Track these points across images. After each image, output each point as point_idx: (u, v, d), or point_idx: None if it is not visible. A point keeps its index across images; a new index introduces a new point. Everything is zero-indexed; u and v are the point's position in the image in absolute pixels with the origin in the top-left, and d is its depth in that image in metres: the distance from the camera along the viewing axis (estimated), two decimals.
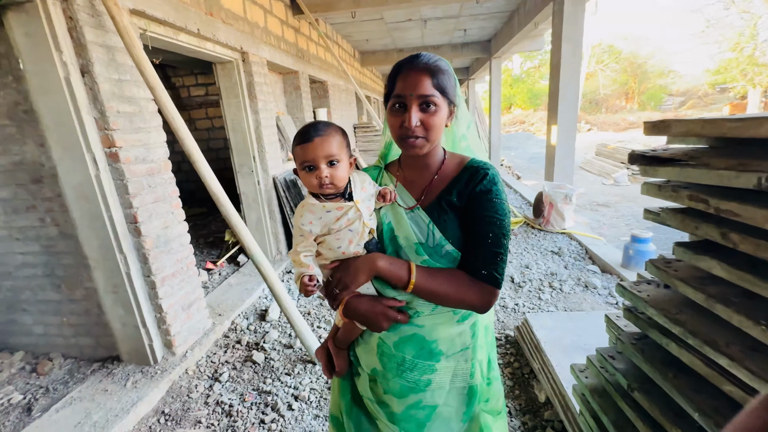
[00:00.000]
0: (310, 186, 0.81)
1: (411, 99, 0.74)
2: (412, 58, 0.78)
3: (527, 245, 3.90)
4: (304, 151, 0.78)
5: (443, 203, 0.80)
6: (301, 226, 0.82)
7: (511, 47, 7.11)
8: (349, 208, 0.81)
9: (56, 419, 1.82)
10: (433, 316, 0.82)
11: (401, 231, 0.81)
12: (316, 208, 0.81)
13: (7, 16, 1.66)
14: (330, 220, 0.81)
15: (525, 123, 25.71)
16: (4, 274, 2.22)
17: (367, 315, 0.80)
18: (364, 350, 0.90)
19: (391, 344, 0.84)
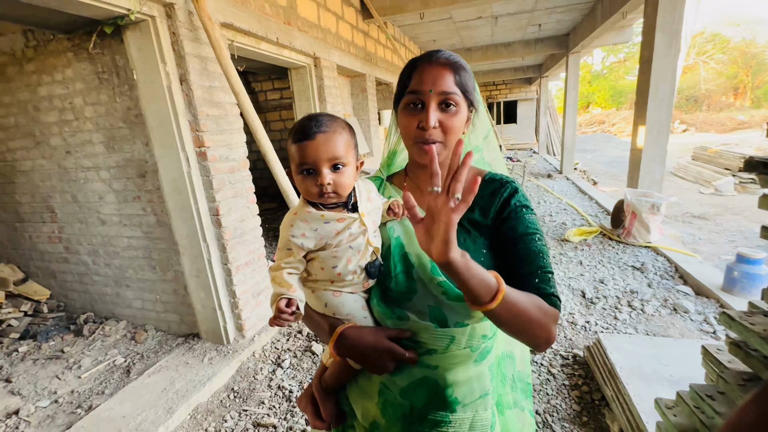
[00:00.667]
0: (307, 193, 0.67)
1: (430, 96, 0.64)
2: (430, 53, 0.67)
3: (602, 258, 3.54)
4: (303, 150, 0.64)
5: (464, 221, 0.69)
6: (290, 238, 0.67)
7: (592, 41, 6.52)
8: (353, 221, 0.68)
9: (147, 383, 2.09)
10: (448, 356, 0.66)
11: (413, 248, 0.68)
12: (312, 218, 0.67)
13: (126, 34, 1.94)
14: (328, 234, 0.67)
15: (605, 123, 23.40)
16: (113, 254, 2.61)
17: (369, 353, 0.65)
18: (360, 398, 0.74)
19: (396, 391, 0.68)
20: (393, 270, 0.69)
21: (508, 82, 15.16)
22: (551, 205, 5.65)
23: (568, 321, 2.54)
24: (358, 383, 0.75)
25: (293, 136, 0.65)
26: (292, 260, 0.68)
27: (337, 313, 0.70)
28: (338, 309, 0.70)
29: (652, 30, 3.62)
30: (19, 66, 2.37)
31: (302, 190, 0.68)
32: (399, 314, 0.68)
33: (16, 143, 2.62)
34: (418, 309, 0.67)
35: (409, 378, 0.68)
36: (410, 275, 0.68)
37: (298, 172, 0.66)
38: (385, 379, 0.70)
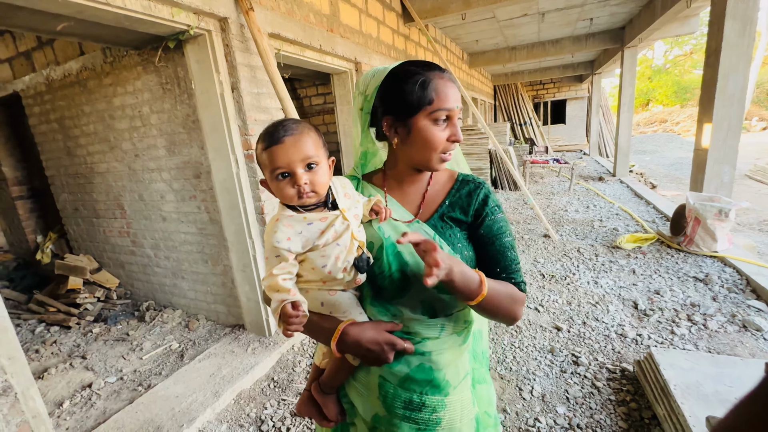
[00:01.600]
0: (286, 197, 0.68)
1: (456, 112, 0.70)
2: (435, 66, 0.72)
3: (659, 267, 3.26)
4: (274, 155, 0.65)
5: (446, 218, 0.76)
6: (276, 245, 0.67)
7: (651, 33, 6.04)
8: (335, 217, 0.69)
9: (198, 368, 2.26)
10: (439, 341, 0.73)
11: (405, 246, 0.71)
12: (295, 221, 0.68)
13: (186, 47, 2.14)
14: (313, 235, 0.68)
15: (667, 122, 21.49)
16: (172, 248, 2.86)
17: (372, 346, 0.68)
18: (360, 393, 0.76)
19: (396, 382, 0.72)
20: (387, 269, 0.72)
21: (556, 81, 14.46)
22: (602, 210, 5.31)
23: (616, 333, 2.38)
24: (357, 380, 0.77)
25: (262, 143, 0.67)
26: (285, 266, 0.67)
27: (334, 311, 0.72)
28: (335, 306, 0.72)
29: (722, 17, 3.30)
30: (99, 79, 2.69)
31: (280, 195, 0.69)
32: (393, 311, 0.73)
33: (94, 147, 2.97)
34: (412, 304, 0.73)
35: (407, 367, 0.72)
36: (405, 273, 0.72)
37: (273, 178, 0.67)
38: (384, 373, 0.73)
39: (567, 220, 4.92)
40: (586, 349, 2.25)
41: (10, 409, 1.22)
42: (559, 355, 2.21)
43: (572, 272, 3.32)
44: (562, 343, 2.33)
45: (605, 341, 2.31)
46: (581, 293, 2.93)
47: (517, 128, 13.50)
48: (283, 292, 0.65)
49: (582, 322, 2.53)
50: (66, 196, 3.46)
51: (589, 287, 3.02)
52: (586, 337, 2.37)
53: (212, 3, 1.95)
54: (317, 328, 0.72)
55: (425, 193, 0.78)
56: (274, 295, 0.66)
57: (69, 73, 2.83)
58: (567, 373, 2.06)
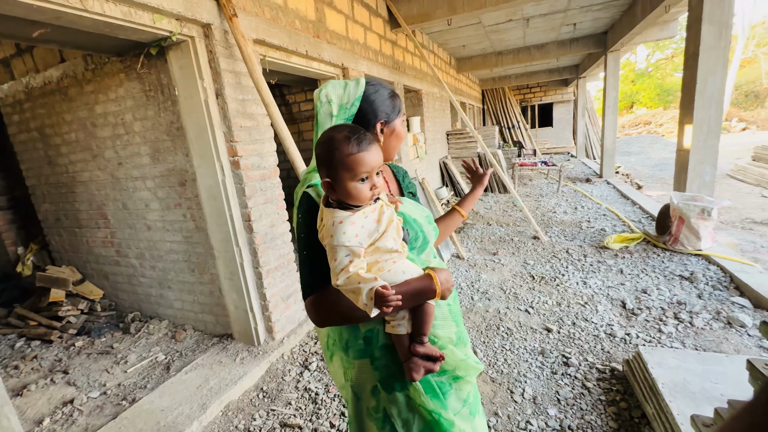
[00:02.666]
0: (362, 197, 0.76)
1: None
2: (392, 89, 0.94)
3: (646, 266, 3.31)
4: (363, 160, 0.73)
5: (407, 192, 1.03)
6: (346, 245, 0.72)
7: (632, 38, 6.20)
8: (381, 206, 0.79)
9: (185, 379, 2.21)
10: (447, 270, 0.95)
11: (416, 213, 0.93)
12: (357, 218, 0.75)
13: (169, 54, 2.11)
14: (372, 225, 0.76)
15: (651, 124, 21.98)
16: (157, 257, 2.80)
17: (450, 279, 0.85)
18: (441, 326, 0.91)
19: (453, 302, 0.94)
20: (415, 233, 0.92)
21: (542, 85, 14.70)
22: (589, 211, 5.38)
23: (605, 333, 2.40)
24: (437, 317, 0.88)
25: (349, 147, 0.73)
26: (358, 262, 0.73)
27: (414, 273, 0.82)
28: (410, 268, 0.81)
29: (699, 22, 3.39)
30: (80, 87, 2.64)
31: (356, 195, 0.75)
32: (424, 261, 0.90)
33: (76, 156, 2.91)
34: (430, 252, 0.95)
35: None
36: (421, 231, 0.92)
37: (353, 180, 0.74)
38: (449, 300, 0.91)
39: (556, 222, 4.97)
40: (576, 349, 2.26)
41: None
42: (549, 357, 2.21)
43: (561, 273, 3.35)
44: (553, 344, 2.34)
45: (595, 341, 2.33)
46: (570, 294, 2.95)
47: (505, 131, 13.65)
48: (369, 281, 0.70)
49: (572, 323, 2.54)
50: (47, 206, 3.37)
51: (578, 288, 3.04)
52: (576, 337, 2.38)
53: (195, 9, 1.93)
54: (417, 289, 0.80)
55: (386, 179, 0.98)
56: (361, 286, 0.71)
57: (49, 81, 2.78)
58: (558, 374, 2.06)
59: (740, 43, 19.44)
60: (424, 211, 0.96)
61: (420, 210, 0.95)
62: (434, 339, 0.88)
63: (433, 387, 0.88)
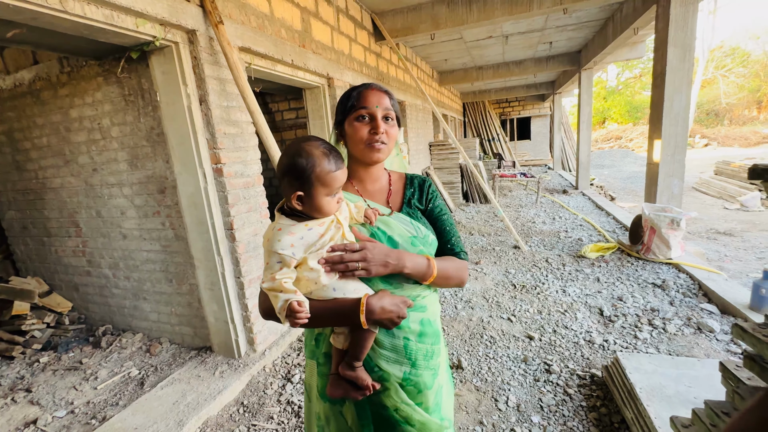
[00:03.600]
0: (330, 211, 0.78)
1: (377, 111, 0.85)
2: (367, 84, 0.90)
3: (621, 275, 3.43)
4: (339, 178, 0.76)
5: (412, 205, 0.96)
6: (279, 252, 0.73)
7: (604, 57, 6.53)
8: (331, 222, 0.78)
9: (160, 395, 2.11)
10: (430, 296, 0.92)
11: (394, 231, 0.87)
12: (297, 229, 0.75)
13: (152, 59, 2.07)
14: (313, 238, 0.76)
15: (621, 138, 23.04)
16: (133, 267, 2.69)
17: (393, 307, 0.79)
18: (389, 359, 0.85)
19: (416, 339, 0.87)
20: None
21: (521, 99, 15.21)
22: (567, 221, 5.55)
23: (585, 340, 2.46)
24: (384, 347, 0.86)
25: (331, 164, 0.76)
26: (287, 271, 0.74)
27: (347, 293, 0.79)
28: (346, 288, 0.79)
29: (664, 44, 3.62)
30: (54, 90, 2.55)
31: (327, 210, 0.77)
32: (395, 284, 0.86)
33: (47, 162, 2.78)
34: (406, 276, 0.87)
35: (418, 324, 0.87)
36: None
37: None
38: (407, 334, 0.86)
39: (535, 232, 5.10)
40: (557, 356, 2.30)
41: None
42: (532, 364, 2.25)
43: (542, 282, 3.43)
44: (535, 351, 2.38)
45: (575, 348, 2.38)
46: (551, 302, 3.02)
47: (486, 144, 14.00)
48: (288, 293, 0.73)
49: (552, 330, 2.60)
50: (13, 214, 3.20)
51: (558, 296, 3.12)
52: (557, 345, 2.43)
53: (180, 15, 1.91)
54: (342, 310, 0.78)
55: (390, 190, 0.97)
56: (279, 295, 0.74)
57: (20, 83, 2.66)
58: (540, 381, 2.09)
59: (701, 65, 20.81)
60: (412, 230, 0.88)
61: (404, 229, 0.88)
62: (378, 370, 0.85)
63: (367, 415, 0.86)
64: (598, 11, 5.20)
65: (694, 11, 3.52)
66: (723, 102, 23.57)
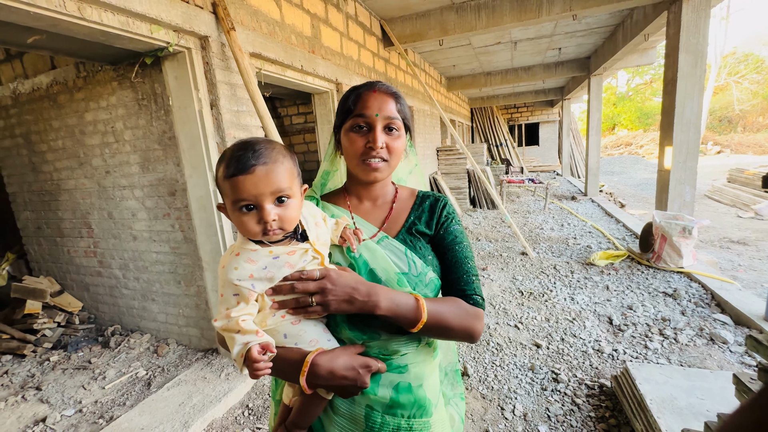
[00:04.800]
0: (248, 232, 0.59)
1: (377, 119, 0.69)
2: (372, 83, 0.73)
3: (630, 283, 3.38)
4: (240, 185, 0.56)
5: (413, 231, 0.76)
6: (236, 282, 0.58)
7: (614, 63, 6.49)
8: (304, 251, 0.63)
9: (166, 396, 2.13)
10: (415, 353, 0.70)
11: (378, 263, 0.69)
12: (259, 256, 0.60)
13: (165, 64, 2.12)
14: (279, 270, 0.60)
15: (632, 145, 22.80)
16: (142, 268, 2.73)
17: (347, 372, 0.62)
18: (343, 429, 0.69)
19: (382, 409, 0.67)
20: None
21: (529, 105, 15.17)
22: (575, 228, 5.49)
23: (593, 348, 2.42)
24: (339, 414, 0.69)
25: (225, 169, 0.57)
26: (245, 307, 0.59)
27: (299, 342, 0.64)
28: (300, 337, 0.64)
29: (676, 51, 3.58)
30: (70, 94, 2.61)
31: (241, 229, 0.60)
32: (370, 334, 0.68)
33: (62, 164, 2.85)
34: (389, 324, 0.68)
35: (390, 389, 0.68)
36: None
37: (235, 209, 0.58)
38: (370, 401, 0.68)
39: (543, 238, 5.05)
40: (565, 365, 2.27)
41: None
42: (539, 373, 2.22)
43: (549, 289, 3.39)
44: (542, 360, 2.34)
45: (583, 357, 2.34)
46: (559, 310, 2.98)
47: (493, 149, 13.96)
48: (247, 334, 0.58)
49: (560, 339, 2.56)
50: (28, 214, 3.27)
51: (566, 303, 3.08)
52: (565, 353, 2.39)
53: (193, 21, 1.95)
54: (283, 364, 0.63)
55: (391, 209, 0.79)
56: (236, 336, 0.58)
57: (38, 87, 2.74)
58: (548, 390, 2.06)
59: (713, 71, 20.55)
60: (403, 264, 0.70)
61: (392, 261, 0.69)
62: None
63: None
64: (608, 17, 5.18)
65: (706, 17, 3.48)
66: (736, 109, 23.20)
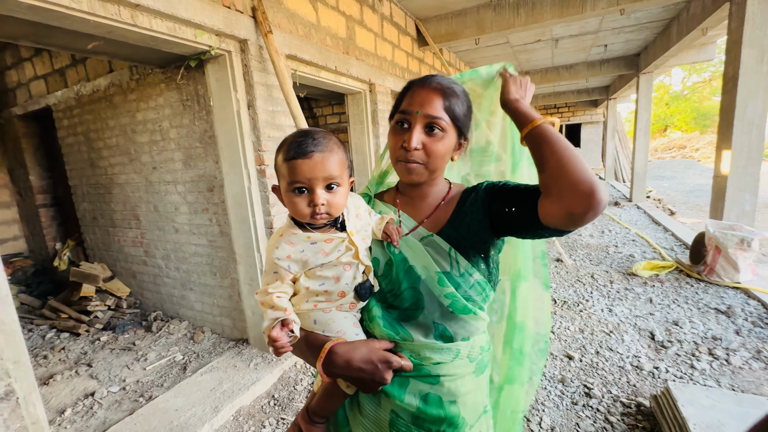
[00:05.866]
0: (298, 213, 0.64)
1: (416, 117, 0.65)
2: (426, 77, 0.69)
3: (677, 297, 3.13)
4: (298, 168, 0.61)
5: (460, 227, 0.69)
6: (275, 261, 0.64)
7: (666, 60, 6.04)
8: (341, 241, 0.66)
9: (200, 381, 2.25)
10: (452, 365, 0.66)
11: (418, 260, 0.67)
12: (299, 239, 0.65)
13: (207, 67, 2.23)
14: (315, 255, 0.65)
15: (686, 148, 21.14)
16: (182, 259, 2.90)
17: (364, 365, 0.61)
18: (367, 430, 0.68)
19: (408, 419, 0.64)
20: (398, 287, 0.68)
21: (570, 105, 14.49)
22: (617, 235, 5.18)
23: (632, 364, 2.27)
24: (365, 415, 0.68)
25: (285, 153, 0.62)
26: (279, 285, 0.65)
27: (327, 330, 0.66)
28: (328, 326, 0.66)
29: (738, 45, 3.28)
30: (124, 95, 2.83)
31: (292, 210, 0.65)
32: (403, 335, 0.67)
33: (116, 159, 3.09)
34: (424, 326, 0.67)
35: (417, 398, 0.65)
36: (416, 290, 0.67)
37: (289, 190, 0.63)
38: (395, 407, 0.66)
39: (581, 245, 4.81)
40: (599, 380, 2.15)
41: (11, 414, 1.23)
42: (570, 386, 2.11)
43: (585, 299, 3.22)
44: (574, 372, 2.23)
45: (620, 373, 2.20)
46: (594, 321, 2.83)
47: None
48: (277, 310, 0.62)
49: (595, 352, 2.43)
50: (86, 206, 3.57)
51: (603, 315, 2.91)
52: (599, 367, 2.27)
53: (234, 26, 2.05)
54: (306, 347, 0.65)
55: (438, 206, 0.74)
56: (267, 312, 0.62)
57: (98, 89, 2.99)
58: (578, 405, 1.96)
59: None
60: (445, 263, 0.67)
61: (433, 259, 0.67)
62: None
63: None
64: (661, 11, 4.83)
65: None
66: None
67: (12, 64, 3.63)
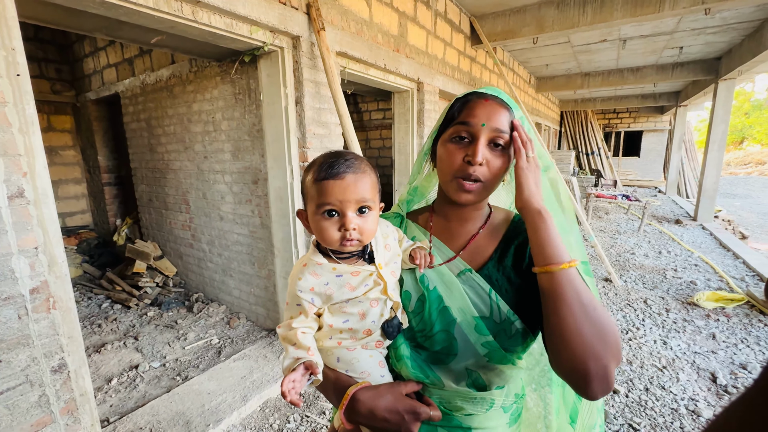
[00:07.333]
0: (327, 239, 0.59)
1: (482, 130, 0.58)
2: (482, 91, 0.63)
3: (747, 335, 2.78)
4: (329, 189, 0.57)
5: (502, 269, 0.62)
6: (298, 293, 0.60)
7: (754, 66, 5.37)
8: (368, 274, 0.61)
9: (232, 367, 2.32)
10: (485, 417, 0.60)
11: (454, 301, 0.61)
12: (323, 270, 0.61)
13: (260, 62, 2.27)
14: (340, 289, 0.60)
15: (765, 164, 18.90)
16: (224, 246, 3.02)
17: (389, 415, 0.56)
18: None
19: None
20: (430, 328, 0.62)
21: (632, 110, 13.42)
22: (677, 258, 4.71)
23: (687, 408, 2.04)
24: None
25: (316, 173, 0.58)
26: (304, 320, 0.60)
27: (350, 370, 0.62)
28: (352, 365, 0.63)
29: None
30: (183, 86, 2.96)
31: (319, 235, 0.60)
32: (433, 379, 0.62)
33: (172, 146, 3.26)
34: (456, 372, 0.62)
35: None
36: (450, 334, 0.61)
37: (317, 214, 0.58)
38: None
39: (633, 265, 4.43)
40: (647, 420, 1.95)
41: (62, 386, 1.32)
42: (613, 423, 1.94)
43: (636, 326, 2.95)
44: (619, 409, 2.05)
45: (672, 416, 1.99)
46: (645, 353, 2.58)
47: (582, 158, 12.67)
48: (300, 348, 0.57)
49: (644, 388, 2.21)
50: (143, 187, 3.83)
51: (655, 347, 2.65)
52: (648, 406, 2.06)
53: (287, 22, 2.05)
54: (330, 387, 0.62)
55: (477, 234, 0.66)
56: (289, 349, 0.58)
57: (160, 79, 3.16)
58: None
59: None
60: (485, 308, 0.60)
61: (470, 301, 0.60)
62: None
63: None
64: (754, 11, 4.28)
65: None
66: None
67: (89, 52, 3.95)
